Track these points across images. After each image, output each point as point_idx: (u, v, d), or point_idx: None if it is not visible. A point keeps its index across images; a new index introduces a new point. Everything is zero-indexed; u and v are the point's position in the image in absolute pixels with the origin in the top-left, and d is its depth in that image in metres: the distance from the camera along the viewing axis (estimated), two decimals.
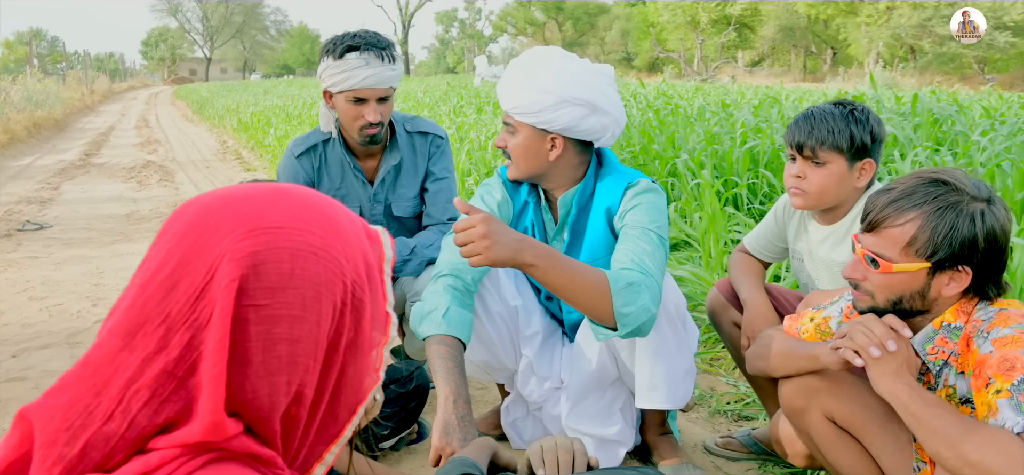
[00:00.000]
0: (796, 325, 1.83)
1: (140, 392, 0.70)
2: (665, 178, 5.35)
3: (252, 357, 0.72)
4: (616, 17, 58.48)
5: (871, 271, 1.52)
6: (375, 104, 2.49)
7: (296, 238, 0.75)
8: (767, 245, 2.32)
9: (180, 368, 0.70)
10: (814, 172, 1.99)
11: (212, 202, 0.77)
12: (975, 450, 1.28)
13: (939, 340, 1.52)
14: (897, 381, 1.43)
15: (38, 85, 19.80)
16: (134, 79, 61.46)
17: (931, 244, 1.45)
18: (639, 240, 1.96)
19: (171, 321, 0.71)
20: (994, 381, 1.34)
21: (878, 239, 1.51)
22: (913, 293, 1.50)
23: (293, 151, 2.66)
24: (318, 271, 0.75)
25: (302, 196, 0.80)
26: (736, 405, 2.71)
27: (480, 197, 2.20)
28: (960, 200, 1.45)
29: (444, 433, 1.76)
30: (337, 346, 0.77)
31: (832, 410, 1.67)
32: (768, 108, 7.40)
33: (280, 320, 0.73)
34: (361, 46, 2.44)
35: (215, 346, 0.70)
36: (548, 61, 2.03)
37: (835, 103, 2.03)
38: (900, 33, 33.10)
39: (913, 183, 1.49)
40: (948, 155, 4.71)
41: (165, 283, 0.72)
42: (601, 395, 2.23)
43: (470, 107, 11.94)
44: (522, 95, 2.00)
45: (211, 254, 0.72)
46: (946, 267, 1.46)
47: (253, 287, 0.72)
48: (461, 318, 2.00)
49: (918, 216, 1.46)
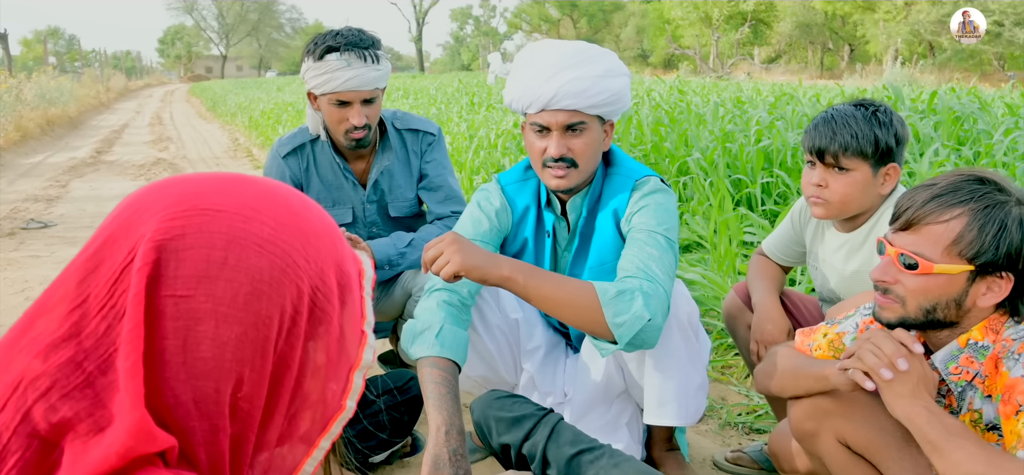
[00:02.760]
0: (808, 341, 1.70)
1: (39, 381, 0.59)
2: (677, 178, 5.23)
3: (170, 356, 0.61)
4: (631, 14, 58.18)
5: (906, 274, 1.38)
6: (359, 106, 2.38)
7: (237, 224, 0.64)
8: (785, 249, 2.21)
9: (90, 361, 0.60)
10: (837, 179, 1.86)
11: (159, 182, 0.67)
12: None
13: (963, 359, 1.39)
14: (915, 403, 1.31)
15: (52, 83, 19.83)
16: (150, 77, 61.84)
17: (977, 244, 1.32)
18: (645, 244, 1.85)
19: (87, 306, 0.61)
20: None
21: (917, 237, 1.37)
22: (949, 301, 1.37)
23: (279, 151, 2.56)
24: (261, 266, 0.64)
25: (262, 184, 0.69)
26: (748, 417, 2.59)
27: (478, 204, 2.09)
28: (1007, 200, 1.32)
29: (434, 468, 1.65)
30: (288, 359, 0.66)
31: (845, 434, 1.55)
32: (783, 105, 7.24)
33: (203, 316, 0.61)
34: (342, 46, 2.33)
35: (128, 337, 0.59)
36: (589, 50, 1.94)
37: (856, 104, 1.89)
38: (919, 29, 32.69)
39: (956, 179, 1.37)
40: (969, 153, 4.55)
41: (88, 263, 0.63)
42: (606, 408, 2.13)
43: (482, 105, 11.85)
44: (596, 87, 1.87)
45: (135, 233, 0.62)
46: (989, 272, 1.33)
47: (173, 274, 0.61)
48: (455, 338, 1.88)
49: (965, 213, 1.33)
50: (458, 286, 1.96)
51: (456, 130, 8.56)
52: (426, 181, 2.62)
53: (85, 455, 0.59)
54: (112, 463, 0.58)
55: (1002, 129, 4.80)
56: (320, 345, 0.68)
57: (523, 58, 1.99)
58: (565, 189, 1.96)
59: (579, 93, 1.85)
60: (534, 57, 1.95)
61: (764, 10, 43.82)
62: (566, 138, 1.90)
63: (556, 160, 1.90)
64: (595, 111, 1.90)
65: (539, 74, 1.88)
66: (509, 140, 7.11)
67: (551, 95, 1.86)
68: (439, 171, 2.62)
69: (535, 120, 1.92)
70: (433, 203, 2.62)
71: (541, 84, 1.86)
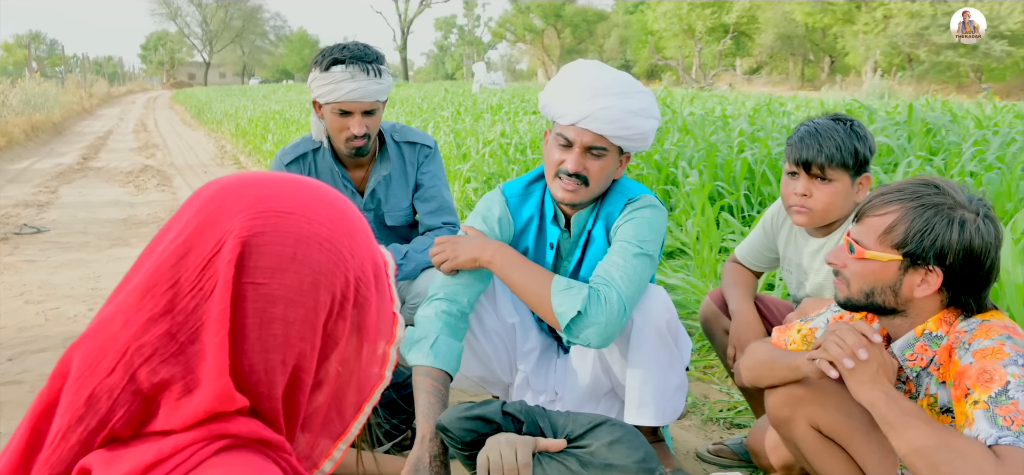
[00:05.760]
0: (784, 337, 1.85)
1: (143, 349, 0.72)
2: (663, 186, 5.38)
3: (248, 332, 0.74)
4: (615, 24, 58.56)
5: (849, 257, 1.54)
6: (360, 117, 2.51)
7: (303, 226, 0.77)
8: (757, 255, 2.34)
9: (183, 333, 0.73)
10: (821, 189, 1.98)
11: (233, 181, 0.80)
12: (947, 461, 1.30)
13: (919, 347, 1.54)
14: (874, 388, 1.45)
15: (37, 88, 19.77)
16: (133, 83, 61.40)
17: (904, 236, 1.47)
18: (615, 253, 2.00)
19: (179, 287, 0.74)
20: (973, 392, 1.36)
21: (861, 227, 1.54)
22: (885, 287, 1.52)
23: (282, 159, 2.68)
24: (320, 260, 0.77)
25: (319, 190, 0.83)
26: (729, 413, 2.73)
27: (480, 215, 2.20)
28: (944, 202, 1.46)
29: (413, 470, 1.81)
30: (336, 336, 0.79)
31: (817, 419, 1.69)
32: (763, 117, 7.43)
33: (276, 300, 0.75)
34: (347, 59, 2.46)
35: (217, 316, 0.72)
36: (632, 85, 2.03)
37: (833, 118, 2.02)
38: (897, 42, 33.17)
39: (908, 182, 1.52)
40: (941, 163, 4.74)
41: (179, 250, 0.75)
42: (594, 406, 2.25)
43: (468, 114, 11.97)
44: (627, 121, 1.97)
45: (221, 228, 0.75)
46: (918, 264, 1.47)
47: (254, 265, 0.74)
48: (449, 349, 2.02)
49: (899, 208, 1.48)
50: (457, 296, 2.08)
51: (444, 140, 8.69)
52: (421, 191, 2.74)
53: (177, 411, 0.73)
54: (198, 417, 0.72)
55: (971, 141, 5.00)
56: (362, 325, 0.82)
57: (569, 70, 2.09)
58: (571, 203, 2.08)
59: (610, 121, 1.96)
60: (579, 73, 2.04)
61: (746, 22, 44.25)
62: (585, 158, 2.01)
63: (570, 174, 2.01)
64: (618, 142, 2.01)
65: (579, 92, 1.97)
66: (497, 149, 7.25)
67: (584, 115, 1.96)
68: (434, 182, 2.74)
69: (562, 132, 2.01)
70: (425, 214, 2.73)
71: (579, 102, 1.96)
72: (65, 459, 0.72)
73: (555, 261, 2.21)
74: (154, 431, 0.73)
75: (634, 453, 1.53)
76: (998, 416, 1.31)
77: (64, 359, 0.75)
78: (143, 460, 0.70)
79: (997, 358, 1.37)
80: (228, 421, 0.73)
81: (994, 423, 1.31)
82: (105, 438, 0.72)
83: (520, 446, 1.58)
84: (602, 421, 1.63)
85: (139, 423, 0.73)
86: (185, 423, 0.72)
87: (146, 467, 0.70)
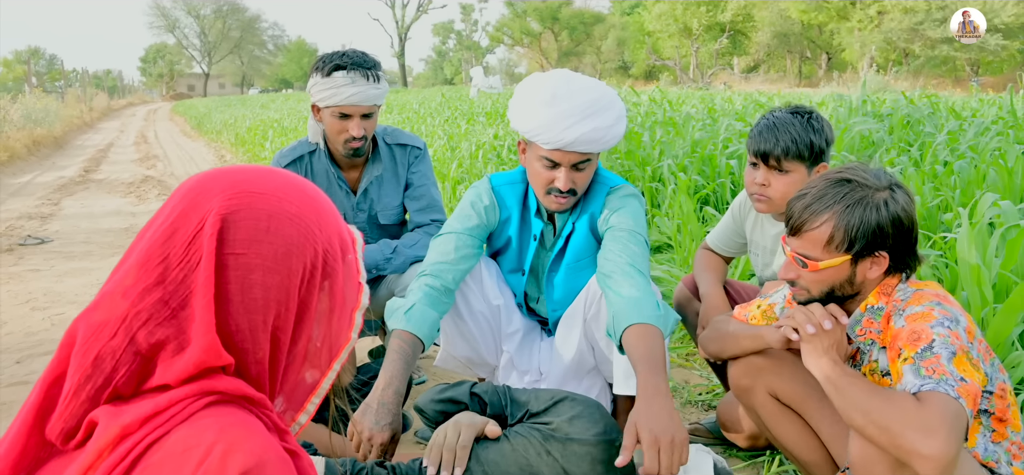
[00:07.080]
0: (745, 312, 1.98)
1: (140, 315, 0.84)
2: (649, 183, 5.50)
3: (232, 296, 0.86)
4: (611, 26, 58.73)
5: (802, 271, 1.67)
6: (359, 120, 2.64)
7: (275, 203, 0.89)
8: (727, 241, 2.46)
9: (174, 300, 0.85)
10: (778, 179, 2.09)
11: (212, 172, 0.93)
12: (877, 409, 1.42)
13: (865, 322, 1.67)
14: (823, 356, 1.58)
15: (37, 103, 19.93)
16: (132, 96, 61.59)
17: (847, 239, 1.60)
18: (629, 242, 2.11)
19: (169, 261, 0.86)
20: (904, 351, 1.49)
21: (802, 242, 1.66)
22: (842, 282, 1.66)
23: (280, 162, 2.81)
24: (292, 233, 0.89)
25: (289, 176, 0.95)
26: (706, 396, 2.85)
27: (469, 201, 2.32)
28: (865, 194, 1.60)
29: (362, 412, 1.90)
30: (308, 302, 0.92)
31: (776, 388, 1.82)
32: (752, 114, 7.55)
33: (255, 268, 0.87)
34: (348, 65, 2.59)
35: (203, 283, 0.85)
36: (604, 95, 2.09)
37: (792, 110, 2.12)
38: (892, 37, 33.32)
39: (822, 186, 1.65)
40: (916, 154, 4.87)
41: (167, 230, 0.87)
42: (577, 383, 2.35)
43: (462, 118, 12.10)
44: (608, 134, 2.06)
45: (202, 208, 0.87)
46: (865, 255, 1.61)
47: (233, 237, 0.86)
48: (423, 316, 2.11)
49: (831, 217, 1.61)
50: (443, 273, 2.20)
51: (439, 143, 8.82)
52: (411, 190, 2.87)
53: (172, 366, 0.85)
54: (190, 371, 0.84)
55: (945, 131, 5.14)
56: (331, 291, 0.94)
57: (540, 96, 2.08)
58: (564, 211, 2.19)
59: (595, 141, 2.06)
60: (552, 97, 2.06)
61: (742, 21, 44.39)
62: (573, 173, 2.12)
63: (563, 192, 2.13)
64: (600, 149, 2.12)
65: (561, 119, 2.03)
66: (490, 152, 7.38)
67: (571, 140, 2.05)
68: (423, 182, 2.88)
69: (547, 156, 2.09)
70: (415, 211, 2.87)
71: (562, 130, 2.04)
72: (76, 414, 0.84)
73: (538, 251, 2.33)
74: (152, 387, 0.85)
75: (594, 426, 1.65)
76: (922, 368, 1.44)
77: (70, 330, 0.87)
78: (142, 412, 0.82)
79: (925, 320, 1.50)
80: (216, 379, 0.85)
81: (918, 374, 1.44)
82: (110, 395, 0.84)
83: (465, 428, 1.67)
84: (563, 397, 1.74)
85: (139, 381, 0.85)
86: (179, 377, 0.84)
87: (145, 418, 0.82)
